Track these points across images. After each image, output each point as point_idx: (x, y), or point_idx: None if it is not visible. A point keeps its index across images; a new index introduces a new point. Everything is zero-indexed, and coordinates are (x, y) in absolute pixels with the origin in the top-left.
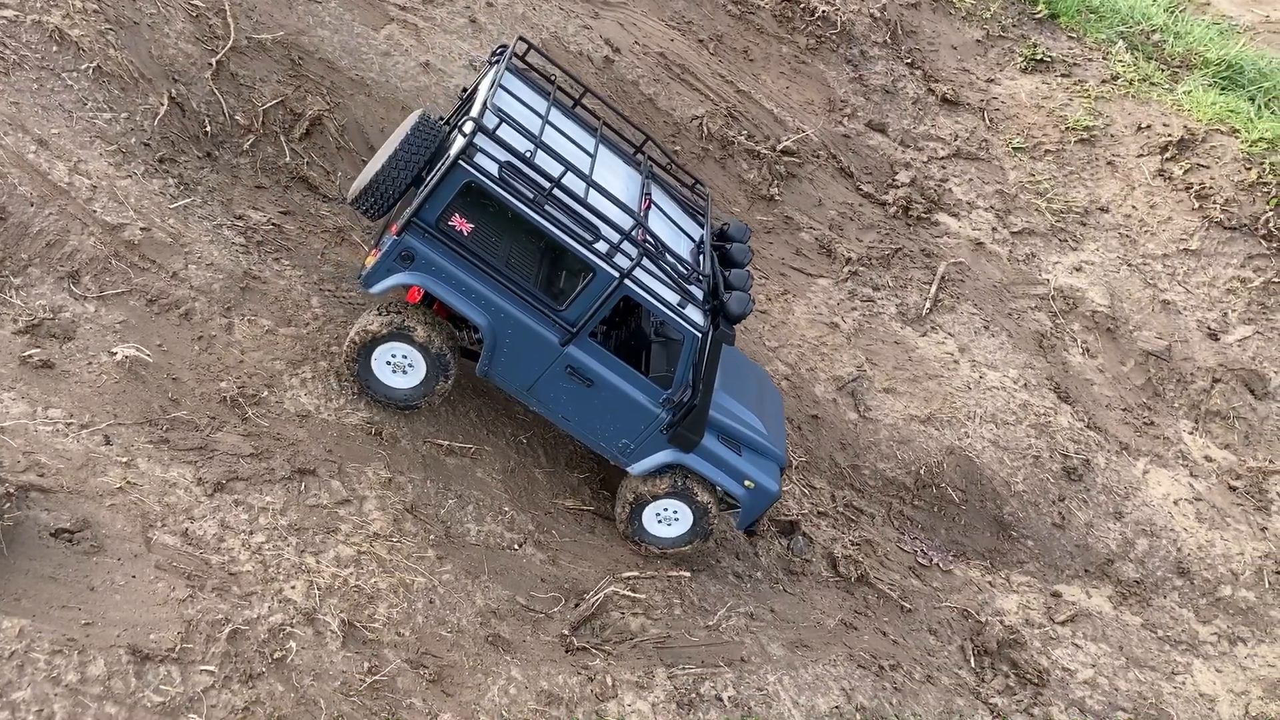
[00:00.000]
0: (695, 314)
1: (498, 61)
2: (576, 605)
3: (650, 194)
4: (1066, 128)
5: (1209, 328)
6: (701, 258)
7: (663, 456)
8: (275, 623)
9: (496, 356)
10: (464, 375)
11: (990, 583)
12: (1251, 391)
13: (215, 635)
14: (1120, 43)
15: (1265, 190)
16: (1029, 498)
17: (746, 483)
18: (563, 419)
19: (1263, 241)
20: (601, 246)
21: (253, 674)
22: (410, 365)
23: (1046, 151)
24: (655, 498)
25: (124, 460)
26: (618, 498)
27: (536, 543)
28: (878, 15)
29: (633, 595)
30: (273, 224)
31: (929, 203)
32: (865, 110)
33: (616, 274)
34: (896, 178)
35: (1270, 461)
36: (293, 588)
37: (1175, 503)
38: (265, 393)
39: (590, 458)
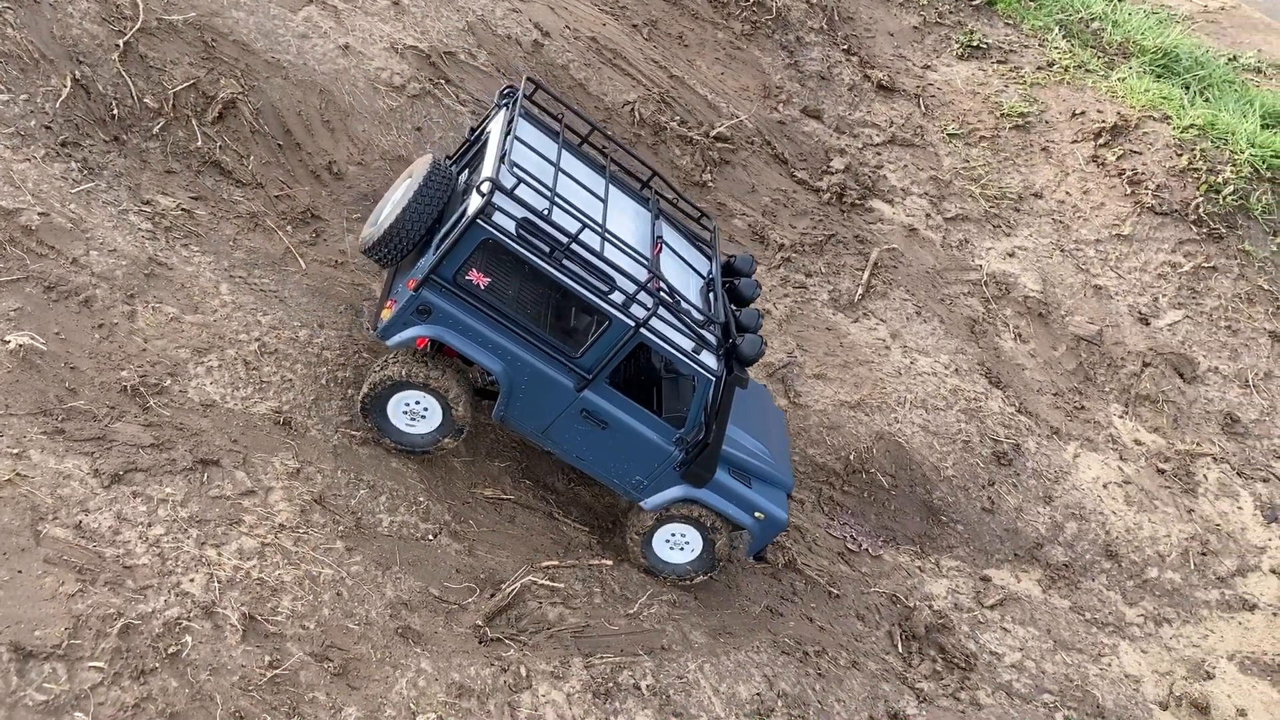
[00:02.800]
0: (709, 358)
1: (506, 104)
2: (492, 596)
3: (661, 235)
4: (1001, 114)
5: (1140, 312)
6: (713, 297)
7: (675, 492)
8: (171, 617)
9: (513, 402)
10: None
11: (920, 568)
12: (1181, 375)
13: (106, 630)
14: (1057, 30)
15: (1196, 176)
16: (959, 482)
17: (757, 514)
18: (577, 459)
19: (1193, 227)
20: (617, 297)
21: (145, 670)
22: (426, 411)
23: (981, 138)
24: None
25: (14, 452)
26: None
27: (452, 533)
28: (814, 1)
29: (551, 585)
30: (183, 209)
31: (863, 189)
32: (801, 96)
33: (633, 323)
34: (831, 164)
35: (1198, 445)
36: (191, 581)
37: (1104, 486)
38: (168, 382)
39: (512, 446)
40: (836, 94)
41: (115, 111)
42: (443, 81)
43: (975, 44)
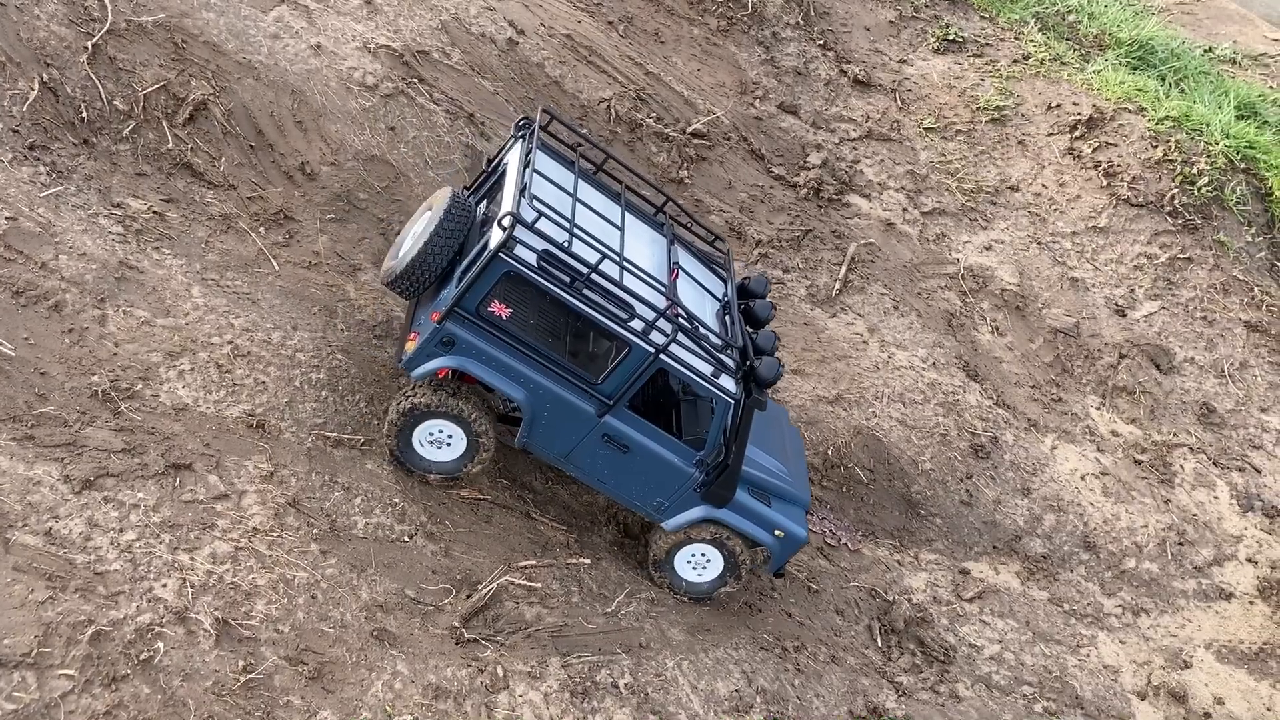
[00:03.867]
0: (727, 382)
1: (523, 135)
2: (469, 596)
3: (677, 260)
4: (978, 108)
5: (1116, 304)
6: (729, 320)
7: (696, 513)
8: (143, 623)
9: (535, 429)
10: (357, 366)
11: (899, 561)
12: (1157, 366)
13: (76, 638)
14: (1033, 23)
15: (1171, 168)
16: (937, 476)
17: (777, 532)
18: (599, 481)
19: (1168, 219)
20: (637, 324)
21: (116, 676)
22: (450, 439)
23: (958, 131)
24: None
25: None
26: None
27: (428, 534)
28: None
29: (529, 584)
30: (154, 212)
31: (840, 184)
32: (777, 92)
33: (652, 350)
34: (808, 159)
35: (1174, 435)
36: (164, 586)
37: (1082, 478)
38: (140, 386)
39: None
40: (813, 89)
41: (84, 114)
42: (416, 80)
43: (951, 38)
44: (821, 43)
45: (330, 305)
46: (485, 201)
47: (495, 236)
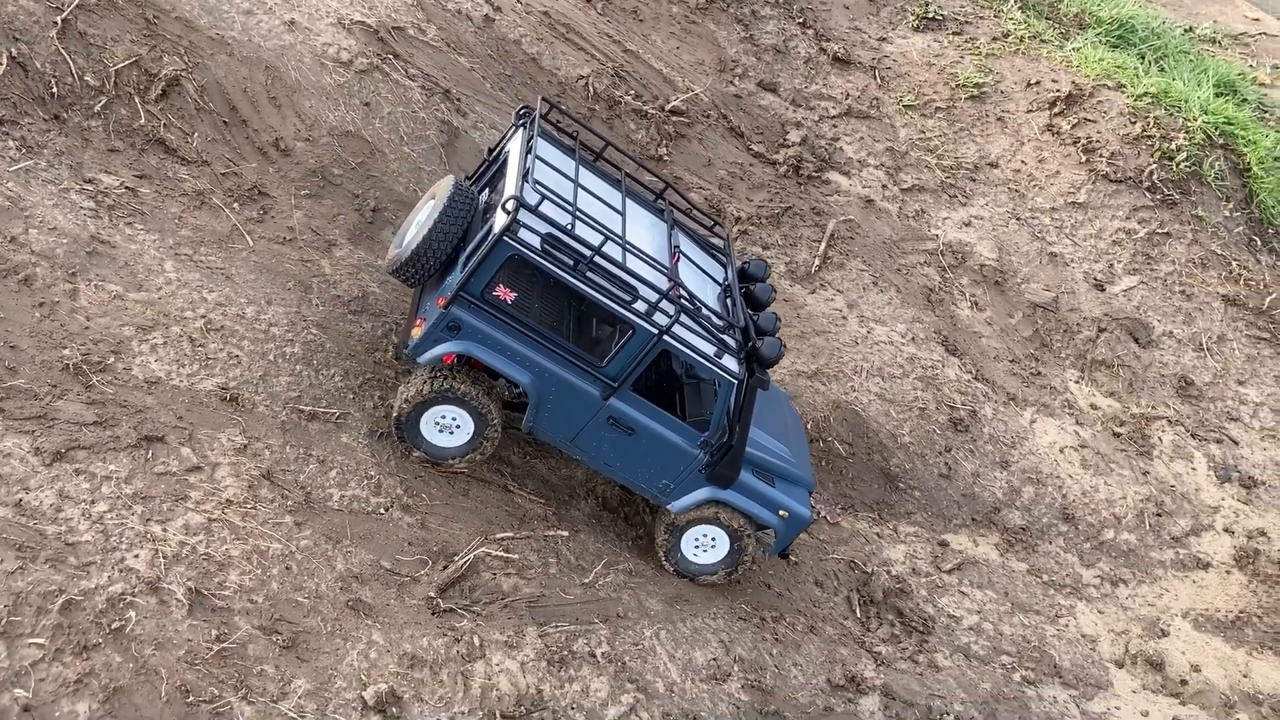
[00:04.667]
0: (730, 362)
1: (523, 124)
2: (445, 568)
3: (678, 245)
4: (957, 85)
5: (1095, 279)
6: (730, 302)
7: (702, 494)
8: (115, 593)
9: (541, 413)
10: (333, 340)
11: (878, 534)
12: (1136, 340)
13: (47, 607)
14: (1013, 1)
15: (1149, 143)
16: (915, 449)
17: (781, 512)
18: (605, 465)
19: (1147, 194)
20: (640, 306)
21: (87, 645)
22: (458, 425)
23: (937, 109)
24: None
25: None
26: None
27: (404, 506)
28: None
29: (506, 556)
30: (126, 188)
31: (820, 161)
32: (756, 70)
33: (655, 331)
34: (787, 137)
35: (1152, 408)
36: (136, 557)
37: (1061, 450)
38: (112, 359)
39: None
40: (792, 67)
41: (55, 90)
42: (391, 56)
43: (931, 15)
44: (801, 20)
45: (305, 280)
46: (488, 190)
47: (499, 220)
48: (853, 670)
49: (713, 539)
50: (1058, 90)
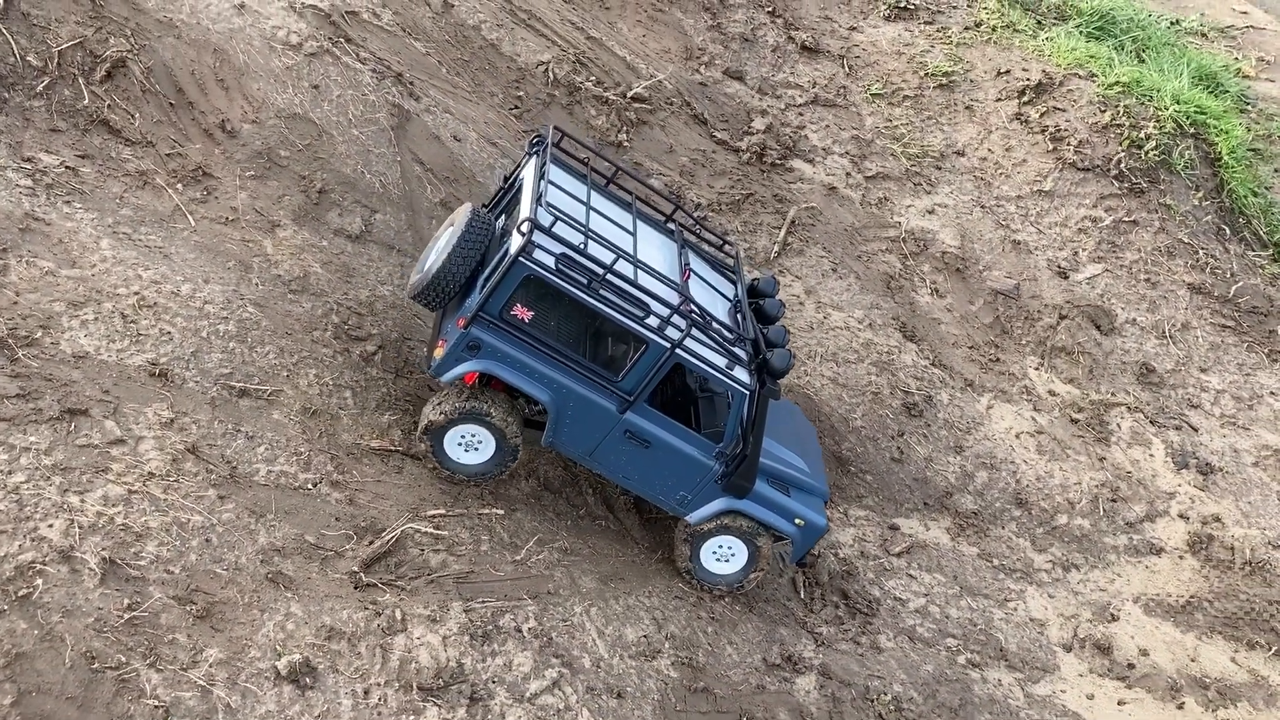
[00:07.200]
0: (741, 374)
1: (536, 152)
2: (371, 543)
3: (689, 263)
4: (926, 74)
5: (1059, 266)
6: (740, 317)
7: (719, 504)
8: (24, 561)
9: (560, 427)
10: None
11: (828, 517)
12: (1098, 327)
13: None
14: None
15: (1119, 132)
16: (868, 433)
17: (797, 521)
18: (623, 478)
19: (1115, 182)
20: (652, 321)
21: None
22: (480, 443)
23: (905, 97)
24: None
25: None
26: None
27: (334, 483)
28: None
29: (435, 533)
30: (66, 167)
31: (784, 149)
32: (723, 58)
33: (668, 345)
34: (752, 125)
35: (1112, 395)
36: (50, 526)
37: (1017, 436)
38: (39, 334)
39: (404, 399)
40: (760, 55)
41: None
42: (343, 40)
43: (903, 5)
44: (770, 9)
45: (246, 260)
46: (504, 216)
47: (515, 242)
48: (791, 650)
49: (731, 549)
50: (1028, 79)
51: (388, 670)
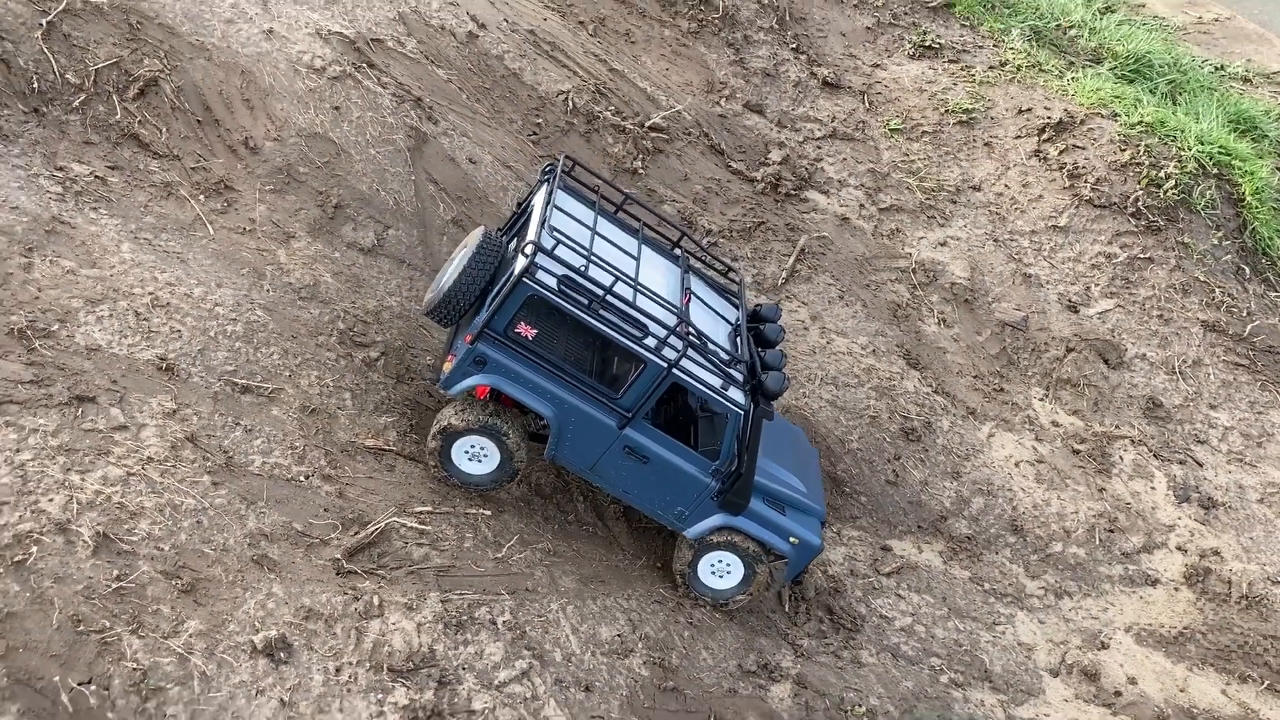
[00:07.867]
0: (736, 394)
1: (548, 180)
2: (357, 534)
3: (690, 287)
4: (946, 110)
5: (1070, 300)
6: (739, 340)
7: (715, 520)
8: (23, 530)
9: (562, 442)
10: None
11: (823, 537)
12: (1105, 361)
13: None
14: (1016, 32)
15: (1138, 170)
16: (864, 455)
17: (791, 539)
18: (623, 492)
19: (1131, 220)
20: (650, 342)
21: None
22: (486, 456)
23: (924, 133)
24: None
25: None
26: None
27: (325, 476)
28: (765, 1)
29: (420, 527)
30: (96, 177)
31: (799, 180)
32: (744, 92)
33: (665, 364)
34: (769, 156)
35: (1116, 427)
36: (50, 501)
37: (1016, 464)
38: (56, 327)
39: (402, 402)
40: (781, 90)
41: (35, 85)
42: (366, 65)
43: (928, 44)
44: (794, 46)
45: (259, 268)
46: (515, 240)
47: (519, 263)
48: (769, 659)
49: (729, 566)
50: (1049, 117)
51: (361, 651)
